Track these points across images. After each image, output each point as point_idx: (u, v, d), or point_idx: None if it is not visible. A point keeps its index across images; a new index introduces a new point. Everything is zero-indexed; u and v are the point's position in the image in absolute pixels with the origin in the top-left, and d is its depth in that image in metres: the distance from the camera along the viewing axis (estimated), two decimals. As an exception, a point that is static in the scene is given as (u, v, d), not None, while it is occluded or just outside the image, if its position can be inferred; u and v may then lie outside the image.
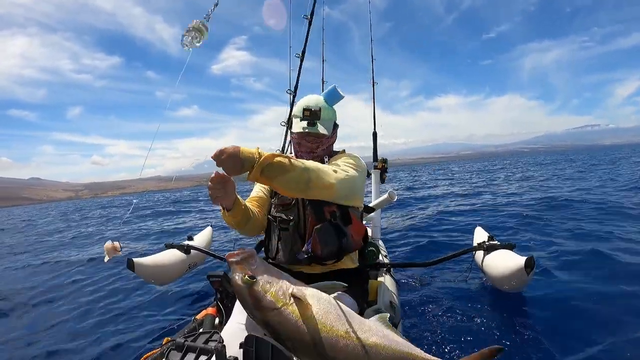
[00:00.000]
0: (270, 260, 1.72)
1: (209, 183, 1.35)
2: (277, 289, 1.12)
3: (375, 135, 3.61)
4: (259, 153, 1.27)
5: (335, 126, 1.76)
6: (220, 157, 1.23)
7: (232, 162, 1.23)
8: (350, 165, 1.57)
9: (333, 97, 1.66)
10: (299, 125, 1.67)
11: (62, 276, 4.50)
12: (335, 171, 1.45)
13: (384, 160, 3.39)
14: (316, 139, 1.68)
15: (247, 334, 1.34)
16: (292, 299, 1.11)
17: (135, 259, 2.74)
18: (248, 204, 1.68)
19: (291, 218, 1.65)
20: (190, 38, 1.46)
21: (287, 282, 1.16)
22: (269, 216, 1.74)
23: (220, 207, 1.53)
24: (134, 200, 2.30)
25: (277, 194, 1.71)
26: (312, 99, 1.69)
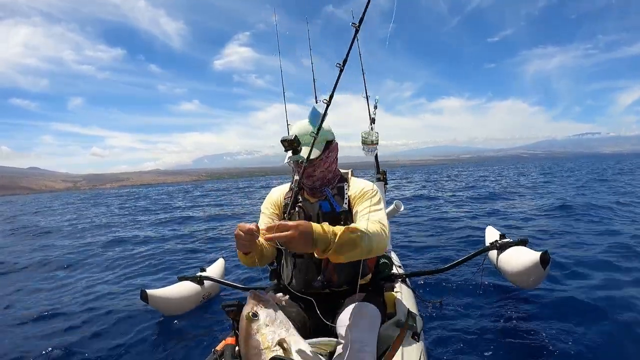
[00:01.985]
0: (283, 286, 1.73)
1: (240, 232, 1.29)
2: (270, 332, 1.14)
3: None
4: (333, 232, 1.23)
5: (329, 144, 1.70)
6: (289, 235, 1.14)
7: (303, 241, 1.16)
8: (380, 206, 1.60)
9: (315, 118, 1.62)
10: (286, 156, 1.67)
11: (73, 300, 4.05)
12: (382, 226, 1.45)
13: (384, 172, 3.37)
14: (308, 164, 1.63)
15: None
16: (277, 346, 1.12)
17: (148, 291, 2.72)
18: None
19: None
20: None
21: (285, 331, 1.17)
22: (281, 246, 1.68)
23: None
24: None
25: (290, 220, 1.64)
26: (294, 127, 1.68)
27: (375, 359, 1.32)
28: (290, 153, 1.62)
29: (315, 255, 1.25)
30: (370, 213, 1.55)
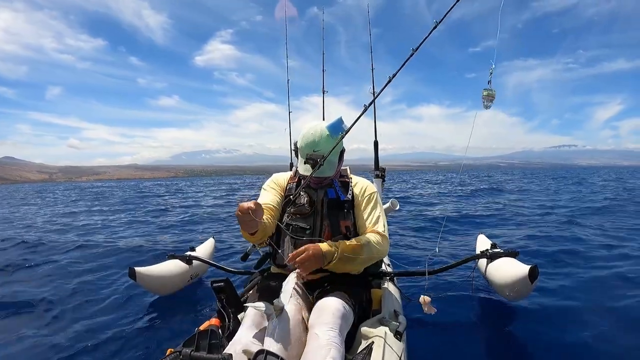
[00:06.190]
0: (277, 265, 1.77)
1: (239, 213, 1.31)
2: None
3: (376, 144, 3.63)
4: (336, 246, 1.50)
5: (342, 153, 1.78)
6: (302, 258, 1.41)
7: (315, 260, 1.43)
8: (380, 209, 1.77)
9: (337, 130, 1.62)
10: (302, 167, 1.67)
11: (59, 281, 3.94)
12: (384, 233, 1.68)
13: (384, 169, 3.43)
14: (322, 178, 1.71)
15: (254, 345, 1.28)
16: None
17: (137, 268, 2.68)
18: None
19: (307, 227, 1.69)
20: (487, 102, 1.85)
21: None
22: (281, 224, 1.71)
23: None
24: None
25: (294, 202, 1.71)
26: (315, 137, 1.64)
27: (343, 354, 1.29)
28: (308, 166, 1.63)
29: (325, 266, 1.48)
30: (376, 225, 1.71)
